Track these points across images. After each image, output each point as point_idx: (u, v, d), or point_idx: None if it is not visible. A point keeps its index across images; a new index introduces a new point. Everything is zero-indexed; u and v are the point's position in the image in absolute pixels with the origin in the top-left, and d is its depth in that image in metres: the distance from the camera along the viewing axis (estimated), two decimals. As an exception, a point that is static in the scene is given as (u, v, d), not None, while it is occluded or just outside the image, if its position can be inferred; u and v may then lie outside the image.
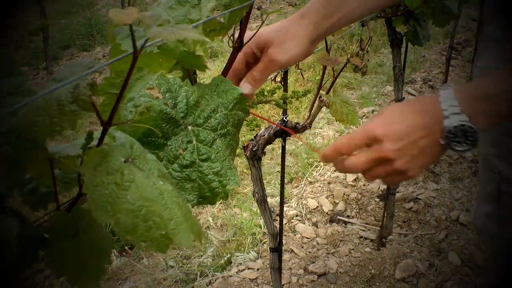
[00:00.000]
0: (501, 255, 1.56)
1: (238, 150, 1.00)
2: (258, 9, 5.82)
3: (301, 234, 3.09)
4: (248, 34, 1.03)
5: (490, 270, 1.64)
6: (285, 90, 1.24)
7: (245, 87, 1.02)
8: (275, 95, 1.05)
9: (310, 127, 1.48)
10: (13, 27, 6.48)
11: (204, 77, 3.82)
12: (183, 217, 0.72)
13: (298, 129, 1.46)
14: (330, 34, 1.18)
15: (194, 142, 0.88)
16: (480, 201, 1.59)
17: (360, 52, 1.56)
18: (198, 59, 0.95)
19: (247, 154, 1.41)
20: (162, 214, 0.69)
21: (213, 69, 5.18)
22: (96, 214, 0.66)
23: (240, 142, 0.99)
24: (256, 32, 1.03)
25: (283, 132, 1.43)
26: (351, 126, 2.81)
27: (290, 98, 1.04)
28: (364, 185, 3.52)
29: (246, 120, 0.97)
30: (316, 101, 1.49)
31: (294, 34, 1.06)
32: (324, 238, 3.05)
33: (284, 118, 1.44)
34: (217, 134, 0.90)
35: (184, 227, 0.71)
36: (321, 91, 1.52)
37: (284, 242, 2.96)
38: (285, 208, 3.30)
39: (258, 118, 1.04)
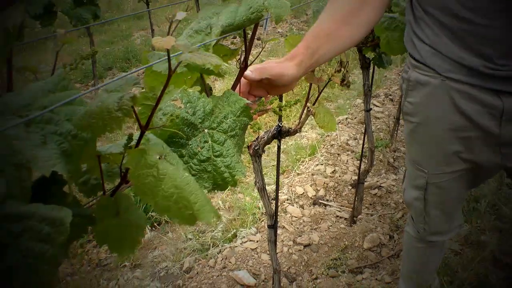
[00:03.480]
0: (423, 218, 1.72)
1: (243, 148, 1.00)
2: (258, 39, 5.81)
3: (290, 214, 3.08)
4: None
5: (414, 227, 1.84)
6: (281, 100, 1.25)
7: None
8: (272, 104, 1.05)
9: (300, 131, 1.49)
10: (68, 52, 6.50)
11: (215, 91, 3.82)
12: (205, 201, 0.74)
13: (290, 133, 1.46)
14: (312, 68, 1.25)
15: (210, 142, 0.88)
16: (409, 188, 1.71)
17: (342, 70, 1.56)
18: (214, 70, 0.96)
19: (250, 152, 1.41)
20: (189, 198, 0.71)
21: (223, 85, 5.17)
22: (142, 198, 0.68)
23: (245, 141, 0.99)
24: (259, 55, 1.06)
25: (280, 134, 1.43)
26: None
27: (284, 106, 1.04)
28: (339, 176, 3.51)
29: (250, 124, 0.97)
30: (305, 111, 1.49)
31: (287, 68, 1.11)
32: (309, 217, 3.05)
33: (279, 124, 1.44)
34: (227, 135, 0.90)
35: (207, 208, 0.73)
36: (308, 103, 1.52)
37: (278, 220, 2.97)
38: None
39: (259, 122, 1.04)
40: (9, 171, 0.62)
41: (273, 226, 1.69)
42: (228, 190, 3.37)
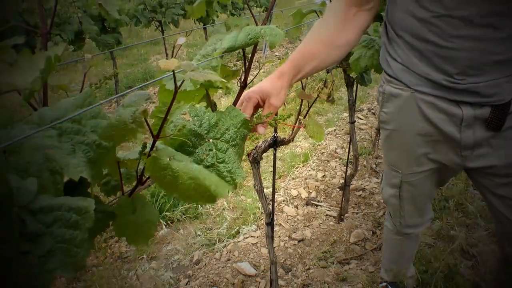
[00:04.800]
0: (399, 213, 1.75)
1: (243, 156, 1.00)
2: (257, 61, 5.83)
3: (286, 213, 3.09)
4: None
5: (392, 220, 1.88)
6: (276, 114, 1.26)
7: (260, 128, 1.08)
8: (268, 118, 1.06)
9: (293, 140, 1.50)
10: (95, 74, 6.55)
11: (221, 107, 3.84)
12: (218, 181, 0.78)
13: (285, 142, 1.47)
14: (300, 80, 1.28)
15: (214, 150, 0.89)
16: (386, 187, 1.73)
17: (325, 88, 1.58)
18: (214, 87, 0.98)
19: (250, 159, 1.42)
20: (205, 183, 0.74)
21: (227, 102, 5.19)
22: (167, 193, 0.71)
23: (245, 150, 1.00)
24: (257, 75, 1.07)
25: (275, 143, 1.44)
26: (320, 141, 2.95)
27: (278, 119, 1.05)
28: (329, 180, 3.51)
29: (249, 135, 0.98)
30: (297, 123, 1.51)
31: (280, 87, 1.14)
32: (302, 216, 3.05)
33: (275, 135, 1.45)
34: (229, 144, 0.91)
35: (221, 186, 0.78)
36: (300, 116, 1.53)
37: (275, 219, 2.97)
38: (275, 196, 3.30)
39: (257, 135, 1.04)
40: (45, 176, 0.64)
41: (270, 224, 1.69)
42: (232, 192, 3.38)
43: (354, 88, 2.44)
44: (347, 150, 3.82)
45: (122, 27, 5.39)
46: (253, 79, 1.04)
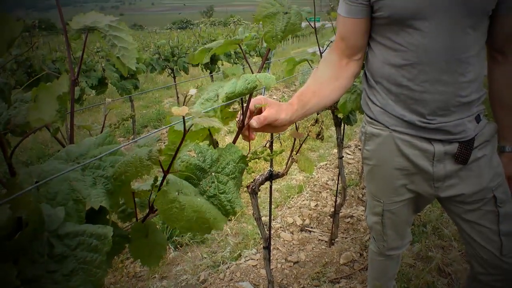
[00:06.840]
0: (382, 237, 1.72)
1: (244, 188, 1.02)
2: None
3: (283, 238, 3.07)
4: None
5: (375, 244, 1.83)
6: (271, 151, 1.28)
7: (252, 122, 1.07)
8: (263, 153, 1.08)
9: (286, 174, 1.51)
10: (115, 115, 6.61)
11: (224, 144, 3.85)
12: (217, 214, 0.78)
13: (279, 175, 1.49)
14: (303, 118, 1.29)
15: (216, 182, 0.90)
16: (370, 214, 1.71)
17: (317, 128, 1.61)
18: (216, 129, 0.99)
19: (249, 191, 1.43)
20: (205, 216, 0.75)
21: (230, 139, 5.22)
22: (169, 224, 0.71)
23: (244, 183, 1.01)
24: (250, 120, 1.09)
25: (271, 176, 1.46)
26: (310, 174, 2.95)
27: (272, 155, 1.07)
28: (321, 208, 3.51)
29: (246, 169, 1.00)
30: (290, 159, 1.53)
31: (285, 109, 1.15)
32: (297, 241, 3.03)
33: (270, 169, 1.47)
34: (229, 177, 0.92)
35: (218, 219, 0.78)
36: (293, 152, 1.55)
37: (272, 243, 2.96)
38: (273, 223, 3.30)
39: (252, 168, 1.07)
40: (70, 204, 0.67)
41: (267, 247, 1.70)
42: (235, 220, 3.38)
43: (342, 127, 2.47)
44: (336, 182, 3.82)
45: (139, 74, 5.48)
46: (248, 122, 1.06)
